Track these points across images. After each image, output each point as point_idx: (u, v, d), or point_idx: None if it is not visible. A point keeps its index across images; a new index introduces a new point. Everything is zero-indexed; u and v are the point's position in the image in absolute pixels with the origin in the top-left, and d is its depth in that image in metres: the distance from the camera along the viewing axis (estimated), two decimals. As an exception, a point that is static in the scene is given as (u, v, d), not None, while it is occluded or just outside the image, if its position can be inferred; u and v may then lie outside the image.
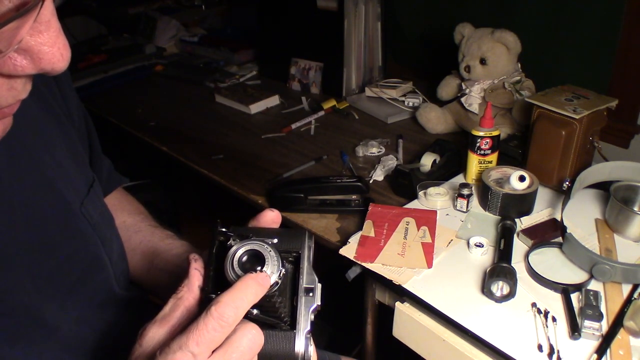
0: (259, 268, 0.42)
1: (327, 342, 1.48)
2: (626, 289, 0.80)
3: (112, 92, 1.84)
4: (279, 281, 0.43)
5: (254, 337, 0.39)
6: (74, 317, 0.54)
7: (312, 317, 0.43)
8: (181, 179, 1.93)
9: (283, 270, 0.43)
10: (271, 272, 0.42)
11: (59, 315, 0.52)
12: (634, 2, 1.20)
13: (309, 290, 0.44)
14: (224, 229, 0.45)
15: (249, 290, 0.40)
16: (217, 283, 0.43)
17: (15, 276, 0.48)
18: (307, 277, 0.44)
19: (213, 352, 0.39)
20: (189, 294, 0.43)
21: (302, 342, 0.42)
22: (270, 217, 0.50)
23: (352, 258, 0.89)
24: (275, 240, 0.44)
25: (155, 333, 0.41)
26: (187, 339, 0.37)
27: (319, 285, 0.44)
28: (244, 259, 0.42)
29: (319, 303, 0.44)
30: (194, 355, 0.37)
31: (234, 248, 0.42)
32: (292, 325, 0.43)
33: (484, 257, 0.89)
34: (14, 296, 0.47)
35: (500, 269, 0.79)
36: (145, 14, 2.26)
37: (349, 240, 0.93)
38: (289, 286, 0.45)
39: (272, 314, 0.43)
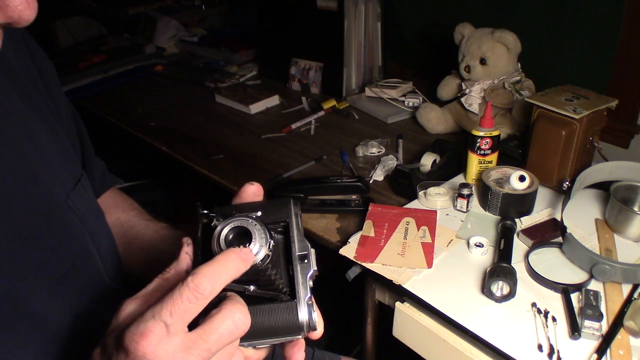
0: (247, 244, 0.41)
1: (327, 342, 1.48)
2: (626, 289, 0.80)
3: (112, 92, 1.84)
4: (270, 253, 0.42)
5: (237, 321, 0.38)
6: (64, 308, 0.53)
7: (311, 283, 0.43)
8: (181, 179, 1.93)
9: (272, 241, 0.43)
10: (260, 246, 0.42)
11: (48, 306, 0.52)
12: (634, 2, 1.20)
13: (303, 257, 0.43)
14: (205, 211, 0.45)
15: (229, 264, 0.39)
16: None
17: None
18: (299, 244, 0.43)
19: (192, 329, 0.38)
20: (176, 277, 0.42)
21: (304, 309, 0.42)
22: (252, 191, 0.49)
23: (352, 258, 0.89)
24: (259, 213, 0.43)
25: (134, 310, 0.40)
26: (160, 308, 0.37)
27: (313, 251, 0.44)
28: (230, 236, 0.42)
29: (315, 268, 0.43)
30: (167, 325, 0.36)
31: (218, 228, 0.42)
32: (292, 294, 0.42)
33: (484, 257, 0.89)
34: None
35: (500, 269, 0.79)
36: (145, 14, 2.25)
37: (349, 240, 0.93)
38: (282, 257, 0.44)
39: (269, 287, 0.43)
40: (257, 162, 1.31)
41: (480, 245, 0.89)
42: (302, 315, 0.41)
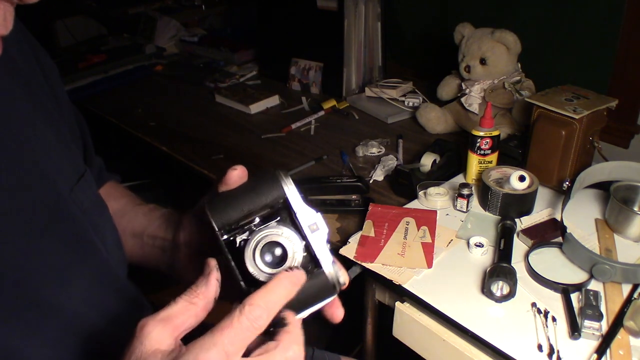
0: (287, 262, 0.42)
1: (327, 342, 1.48)
2: (626, 289, 0.80)
3: (112, 92, 1.84)
4: (305, 254, 0.43)
5: (292, 356, 0.40)
6: (77, 298, 0.54)
7: (328, 245, 0.44)
8: (181, 179, 1.94)
9: (304, 242, 0.43)
10: (295, 252, 0.43)
11: (60, 296, 0.52)
12: (634, 2, 1.20)
13: (313, 226, 0.44)
14: (225, 237, 0.44)
15: (282, 291, 0.40)
16: (244, 281, 0.43)
17: (6, 252, 0.48)
18: (305, 214, 0.44)
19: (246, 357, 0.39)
20: (203, 302, 0.42)
21: (332, 273, 0.43)
22: (237, 176, 0.49)
23: (352, 258, 0.89)
24: (278, 218, 0.44)
25: (159, 334, 0.39)
26: (221, 337, 0.37)
27: (319, 214, 0.44)
28: (263, 250, 0.42)
29: (327, 229, 0.44)
30: (228, 355, 0.37)
31: (248, 250, 0.42)
32: (317, 263, 0.43)
33: (484, 257, 0.89)
34: (4, 272, 0.48)
35: (500, 269, 0.79)
36: (145, 14, 2.25)
37: (349, 240, 0.93)
38: (297, 232, 0.45)
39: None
40: (257, 162, 1.31)
41: (480, 245, 0.89)
42: (331, 278, 0.43)
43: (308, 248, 0.44)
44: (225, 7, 2.44)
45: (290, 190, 0.44)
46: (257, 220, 0.44)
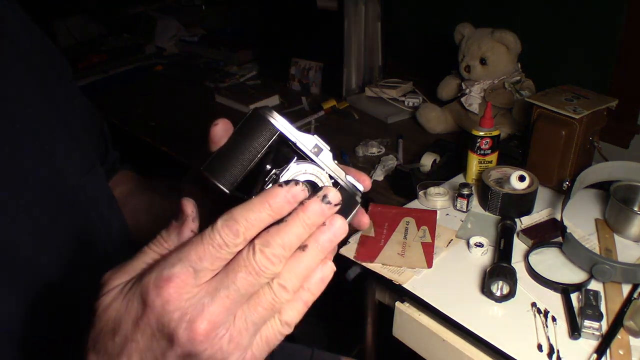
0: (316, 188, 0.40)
1: (327, 342, 1.48)
2: (626, 288, 0.80)
3: (112, 92, 1.84)
4: (333, 180, 0.42)
5: (324, 278, 0.37)
6: (83, 282, 0.55)
7: (335, 162, 0.43)
8: (181, 179, 1.94)
9: (324, 170, 0.42)
10: (324, 183, 0.42)
11: (64, 279, 0.53)
12: (634, 2, 1.20)
13: (316, 149, 0.43)
14: (233, 191, 0.42)
15: (267, 209, 0.34)
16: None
17: (14, 234, 0.49)
18: (304, 140, 0.42)
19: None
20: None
21: (349, 186, 0.43)
22: (222, 130, 0.45)
23: (352, 258, 0.89)
24: (295, 158, 0.42)
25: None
26: (188, 252, 0.32)
27: (315, 136, 0.43)
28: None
29: (328, 147, 0.43)
30: (196, 272, 0.32)
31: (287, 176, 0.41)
32: (335, 183, 0.43)
33: (484, 257, 0.89)
34: (14, 248, 0.49)
35: (500, 269, 0.79)
36: (145, 14, 2.26)
37: (348, 240, 0.93)
38: (315, 163, 0.43)
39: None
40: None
41: (480, 245, 0.89)
42: (350, 190, 0.43)
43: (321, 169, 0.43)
44: (225, 7, 2.44)
45: (281, 123, 0.42)
46: (273, 169, 0.42)
